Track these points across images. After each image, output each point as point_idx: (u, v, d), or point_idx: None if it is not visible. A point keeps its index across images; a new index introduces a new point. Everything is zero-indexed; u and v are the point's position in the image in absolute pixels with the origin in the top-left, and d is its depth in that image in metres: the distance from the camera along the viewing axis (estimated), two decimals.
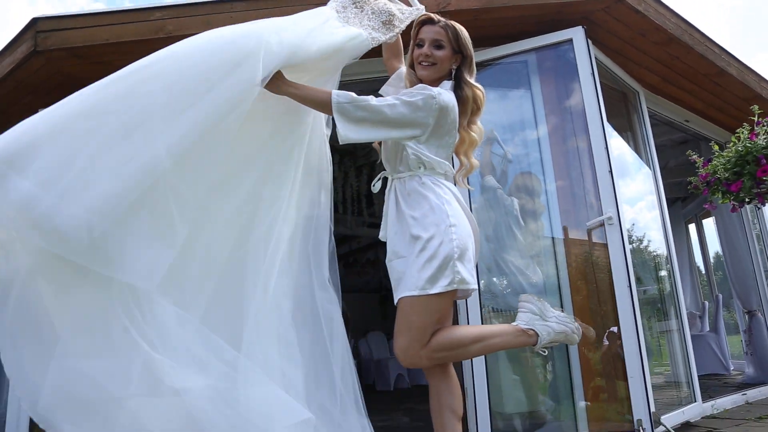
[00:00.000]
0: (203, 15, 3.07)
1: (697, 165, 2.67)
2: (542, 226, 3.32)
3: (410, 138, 1.83)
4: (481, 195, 3.29)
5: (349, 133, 1.73)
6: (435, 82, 1.94)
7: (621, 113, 3.98)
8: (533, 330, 1.86)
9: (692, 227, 8.20)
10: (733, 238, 5.40)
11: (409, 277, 1.74)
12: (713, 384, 5.30)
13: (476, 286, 1.82)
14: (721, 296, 7.08)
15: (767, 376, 4.94)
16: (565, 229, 3.21)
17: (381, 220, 1.97)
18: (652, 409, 2.68)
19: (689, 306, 7.69)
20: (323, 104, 1.78)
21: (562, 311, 1.93)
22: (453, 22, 1.99)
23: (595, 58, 3.22)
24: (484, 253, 3.11)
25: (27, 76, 3.38)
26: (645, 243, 5.30)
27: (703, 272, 8.60)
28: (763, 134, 2.39)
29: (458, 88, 1.92)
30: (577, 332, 1.91)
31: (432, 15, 2.01)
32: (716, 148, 2.68)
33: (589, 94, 2.98)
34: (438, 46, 1.94)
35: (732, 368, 6.46)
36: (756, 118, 2.56)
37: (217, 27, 3.03)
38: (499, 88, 3.47)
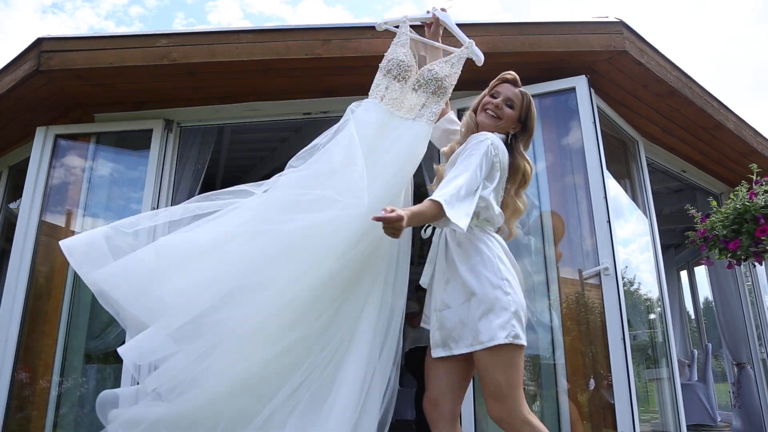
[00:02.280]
0: (209, 44, 3.08)
1: (695, 219, 2.67)
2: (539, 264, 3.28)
3: (498, 185, 1.87)
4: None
5: (461, 221, 1.69)
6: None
7: (620, 160, 4.00)
8: None
9: (683, 273, 8.21)
10: (725, 290, 5.40)
11: (470, 332, 1.71)
12: None
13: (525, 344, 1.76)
14: (710, 345, 7.06)
15: (755, 430, 4.88)
16: (557, 270, 3.19)
17: None
18: None
19: (678, 354, 7.64)
20: (437, 214, 1.70)
21: None
22: (529, 95, 2.05)
23: (597, 106, 3.25)
24: None
25: (27, 93, 3.36)
26: (636, 286, 5.28)
27: (693, 319, 8.58)
28: (762, 193, 2.40)
29: (511, 155, 1.95)
30: None
31: (516, 76, 2.07)
32: (714, 204, 2.68)
33: (590, 144, 2.99)
34: (510, 105, 1.99)
35: (719, 419, 6.40)
36: (755, 177, 2.57)
37: (222, 57, 3.06)
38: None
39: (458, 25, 2.95)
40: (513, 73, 2.08)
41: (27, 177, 3.51)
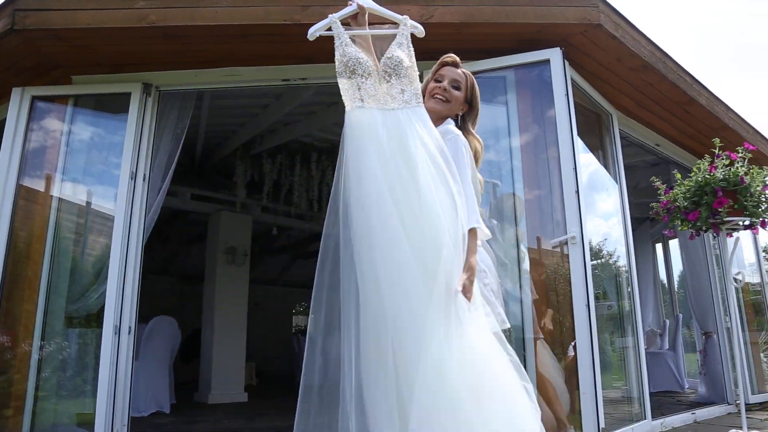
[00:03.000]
0: (188, 7, 3.06)
1: (659, 191, 2.76)
2: (512, 237, 3.37)
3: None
4: None
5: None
6: (439, 120, 2.00)
7: (594, 132, 4.08)
8: None
9: (659, 246, 8.40)
10: (694, 261, 5.58)
11: None
12: (667, 401, 5.45)
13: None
14: (681, 315, 7.28)
15: (718, 396, 5.11)
16: (538, 240, 3.29)
17: None
18: (602, 425, 2.76)
19: (651, 323, 7.90)
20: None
21: None
22: (471, 75, 2.09)
23: (571, 79, 3.31)
24: None
25: (4, 53, 3.32)
26: (615, 258, 5.43)
27: (667, 290, 8.82)
28: (721, 167, 2.49)
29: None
30: None
31: (456, 58, 2.10)
32: (678, 176, 2.77)
33: (562, 117, 3.06)
34: (456, 87, 2.03)
35: (687, 386, 6.64)
36: (717, 151, 2.66)
37: (201, 20, 3.05)
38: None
39: None
40: (452, 55, 2.11)
41: (3, 140, 3.48)
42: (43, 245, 3.43)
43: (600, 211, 4.51)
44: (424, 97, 2.04)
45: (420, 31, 2.14)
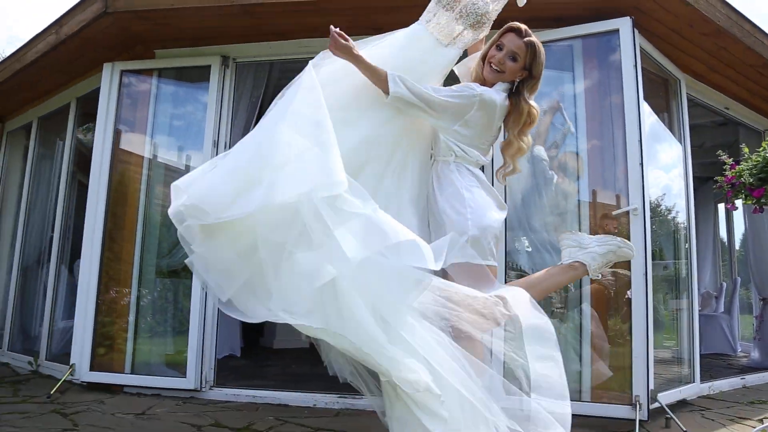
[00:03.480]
0: None
1: (725, 166, 2.79)
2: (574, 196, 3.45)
3: (440, 126, 2.11)
4: (528, 162, 3.43)
5: (399, 90, 2.00)
6: (491, 86, 2.14)
7: (660, 95, 4.03)
8: (577, 262, 2.10)
9: (721, 206, 8.17)
10: (758, 226, 5.49)
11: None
12: (717, 364, 5.51)
13: (494, 263, 2.05)
14: (739, 279, 7.17)
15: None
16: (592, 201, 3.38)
17: None
18: (651, 387, 2.92)
19: (708, 285, 7.82)
20: (380, 81, 2.03)
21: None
22: (537, 42, 2.16)
23: (640, 46, 3.28)
24: (519, 216, 3.34)
25: (95, 33, 3.61)
26: (674, 214, 5.34)
27: (728, 251, 8.61)
28: None
29: (515, 99, 2.12)
30: (624, 245, 2.12)
31: (522, 27, 2.17)
32: (746, 150, 2.78)
33: (629, 90, 3.08)
34: (513, 58, 2.13)
35: (739, 350, 6.63)
36: None
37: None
38: (546, 68, 3.56)
39: None
40: (519, 24, 2.18)
41: (99, 109, 3.81)
42: (136, 205, 3.79)
43: (666, 164, 4.42)
44: (483, 60, 2.19)
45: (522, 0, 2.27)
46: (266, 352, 6.28)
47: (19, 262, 4.99)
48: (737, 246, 8.45)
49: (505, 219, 2.25)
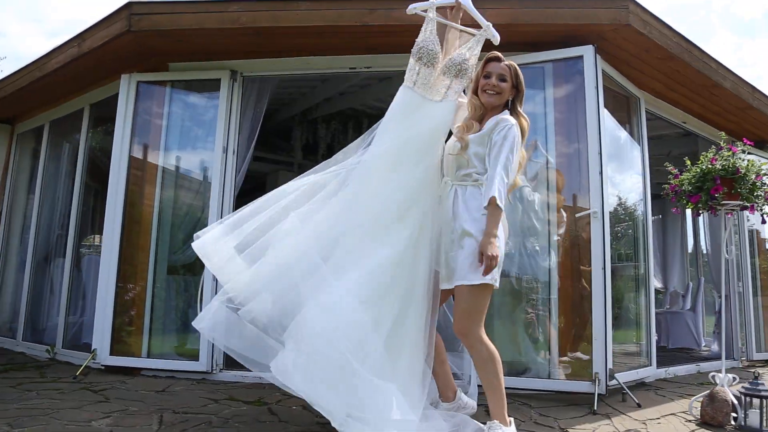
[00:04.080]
0: (273, 11, 3.63)
1: (670, 176, 3.26)
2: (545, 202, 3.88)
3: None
4: (516, 200, 3.82)
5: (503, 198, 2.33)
6: (496, 108, 2.52)
7: (624, 110, 4.51)
8: None
9: (689, 212, 8.71)
10: (715, 228, 6.02)
11: (461, 270, 2.33)
12: (680, 356, 6.01)
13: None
14: (702, 279, 7.72)
15: (728, 353, 5.64)
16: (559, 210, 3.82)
17: None
18: (610, 367, 3.38)
19: (676, 285, 8.38)
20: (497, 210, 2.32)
21: None
22: (513, 63, 2.57)
23: (602, 70, 3.76)
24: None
25: (115, 48, 3.97)
26: (637, 217, 5.81)
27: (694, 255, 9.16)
28: (721, 159, 2.97)
29: (514, 116, 2.50)
30: None
31: (498, 54, 2.57)
32: (688, 163, 3.24)
33: (591, 107, 3.55)
34: (503, 79, 2.52)
35: (704, 344, 7.14)
36: (722, 143, 3.12)
37: (284, 22, 3.60)
38: None
39: None
40: (495, 52, 2.57)
41: (117, 117, 4.18)
42: (151, 207, 4.16)
43: (626, 172, 4.85)
44: (477, 91, 2.53)
45: (496, 39, 2.63)
46: None
47: (32, 258, 5.31)
48: (704, 251, 9.01)
49: None
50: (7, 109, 5.56)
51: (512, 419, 2.41)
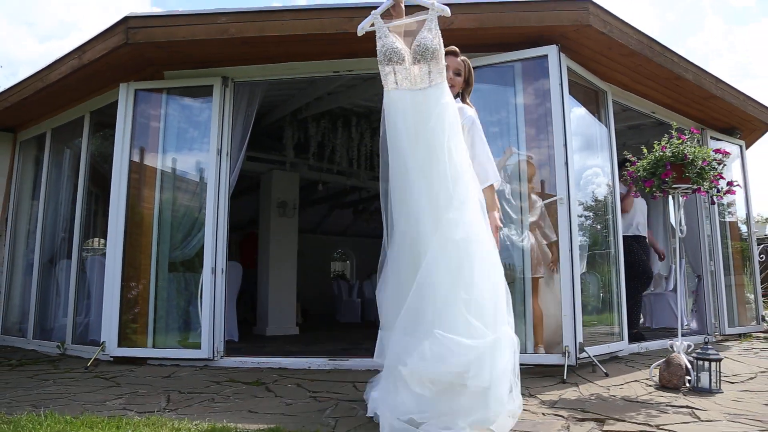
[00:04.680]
0: (259, 21, 3.90)
1: (628, 163, 3.55)
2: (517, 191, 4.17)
3: None
4: None
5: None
6: None
7: (593, 102, 4.80)
8: None
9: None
10: (690, 211, 6.31)
11: None
12: (661, 335, 6.31)
13: None
14: (683, 261, 8.03)
15: (702, 328, 5.96)
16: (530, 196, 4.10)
17: None
18: (580, 341, 3.68)
19: (659, 267, 8.71)
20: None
21: None
22: (467, 59, 2.86)
23: (568, 67, 4.05)
24: None
25: (113, 59, 4.25)
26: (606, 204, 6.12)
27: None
28: (670, 147, 3.26)
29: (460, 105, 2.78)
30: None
31: (456, 49, 2.82)
32: (645, 151, 3.53)
33: (556, 103, 3.84)
34: (457, 73, 2.82)
35: (686, 324, 7.46)
36: (673, 132, 3.41)
37: (270, 32, 3.88)
38: (493, 84, 4.33)
39: (451, 3, 3.74)
40: (452, 47, 2.79)
41: (117, 124, 4.45)
42: (151, 208, 4.44)
43: (594, 161, 5.13)
44: None
45: (447, 12, 2.56)
46: (261, 338, 6.95)
47: (39, 261, 5.59)
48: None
49: None
50: (10, 118, 5.82)
51: None
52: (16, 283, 6.06)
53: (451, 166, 2.41)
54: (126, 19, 3.96)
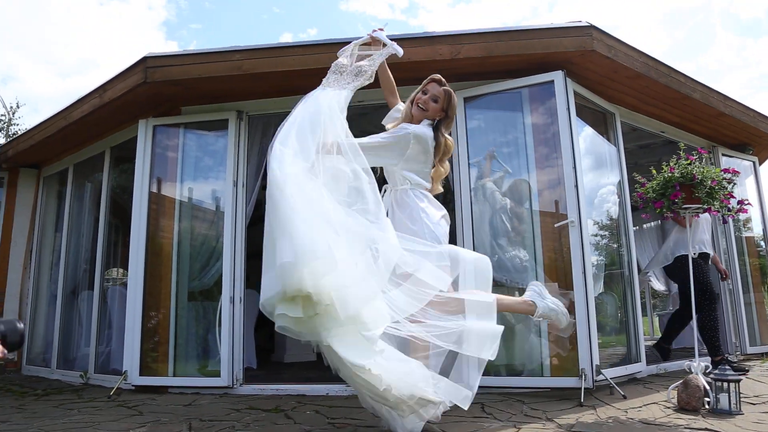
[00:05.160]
0: (271, 57, 4.05)
1: (637, 185, 3.59)
2: (526, 215, 4.25)
3: (390, 163, 2.83)
4: (483, 196, 4.26)
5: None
6: (419, 122, 2.91)
7: (602, 124, 4.86)
8: (533, 302, 2.81)
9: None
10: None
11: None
12: (681, 354, 6.23)
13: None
14: None
15: (724, 349, 5.87)
16: (541, 216, 4.15)
17: None
18: (596, 363, 3.68)
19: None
20: None
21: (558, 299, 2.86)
22: (451, 91, 2.95)
23: (574, 91, 4.12)
24: (482, 239, 4.12)
25: (134, 97, 4.43)
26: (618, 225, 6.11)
27: None
28: (678, 168, 3.30)
29: (435, 134, 2.89)
30: (564, 316, 2.84)
31: (441, 78, 2.96)
32: (654, 172, 3.57)
33: (563, 127, 3.90)
34: (435, 100, 2.92)
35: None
36: (681, 153, 3.45)
37: (282, 67, 4.01)
38: (500, 111, 4.41)
39: (460, 34, 3.88)
40: (438, 75, 2.95)
41: (136, 159, 4.61)
42: (171, 239, 4.56)
43: (605, 182, 5.17)
44: (412, 102, 2.92)
45: (399, 52, 2.97)
46: (279, 365, 6.98)
47: (62, 292, 5.73)
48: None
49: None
50: (35, 155, 6.04)
51: None
52: (40, 314, 6.20)
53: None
54: (145, 59, 4.13)
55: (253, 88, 4.43)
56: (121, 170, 5.83)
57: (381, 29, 3.08)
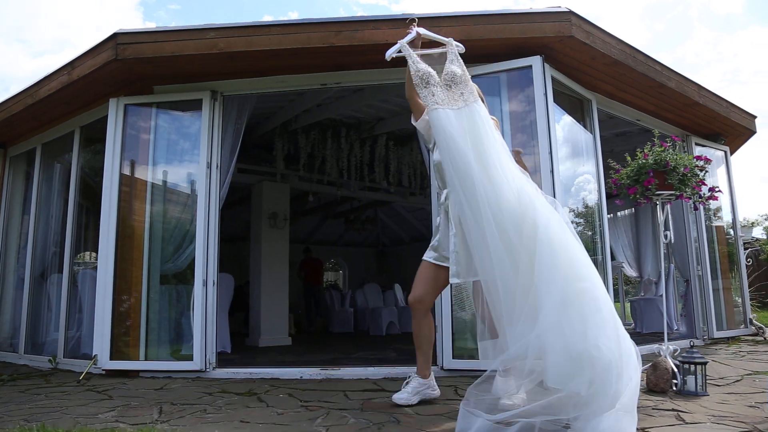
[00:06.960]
0: (247, 36, 3.95)
1: (611, 171, 3.62)
2: None
3: None
4: None
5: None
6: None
7: (578, 111, 4.89)
8: None
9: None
10: (677, 217, 6.41)
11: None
12: (651, 339, 6.38)
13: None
14: (672, 266, 8.11)
15: (691, 332, 6.03)
16: None
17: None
18: None
19: (650, 273, 8.80)
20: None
21: None
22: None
23: (552, 77, 4.13)
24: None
25: (103, 75, 4.29)
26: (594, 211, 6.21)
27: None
28: (652, 154, 3.33)
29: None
30: None
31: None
32: (629, 158, 3.60)
33: (540, 112, 3.91)
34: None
35: (675, 328, 7.55)
36: (655, 140, 3.48)
37: (258, 46, 3.93)
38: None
39: (438, 17, 3.83)
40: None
41: (107, 139, 4.48)
42: (142, 221, 4.46)
43: (582, 170, 5.24)
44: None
45: (462, 49, 2.98)
46: (254, 349, 6.95)
47: (30, 276, 5.57)
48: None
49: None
50: (0, 134, 5.83)
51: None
52: (7, 299, 6.04)
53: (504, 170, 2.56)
54: (115, 35, 4.00)
55: (228, 68, 4.33)
56: (92, 151, 5.66)
57: (416, 23, 3.09)
